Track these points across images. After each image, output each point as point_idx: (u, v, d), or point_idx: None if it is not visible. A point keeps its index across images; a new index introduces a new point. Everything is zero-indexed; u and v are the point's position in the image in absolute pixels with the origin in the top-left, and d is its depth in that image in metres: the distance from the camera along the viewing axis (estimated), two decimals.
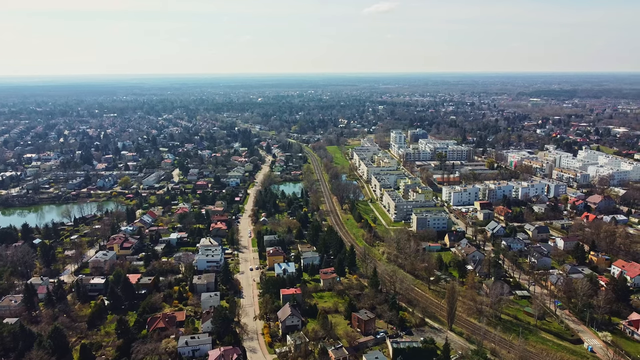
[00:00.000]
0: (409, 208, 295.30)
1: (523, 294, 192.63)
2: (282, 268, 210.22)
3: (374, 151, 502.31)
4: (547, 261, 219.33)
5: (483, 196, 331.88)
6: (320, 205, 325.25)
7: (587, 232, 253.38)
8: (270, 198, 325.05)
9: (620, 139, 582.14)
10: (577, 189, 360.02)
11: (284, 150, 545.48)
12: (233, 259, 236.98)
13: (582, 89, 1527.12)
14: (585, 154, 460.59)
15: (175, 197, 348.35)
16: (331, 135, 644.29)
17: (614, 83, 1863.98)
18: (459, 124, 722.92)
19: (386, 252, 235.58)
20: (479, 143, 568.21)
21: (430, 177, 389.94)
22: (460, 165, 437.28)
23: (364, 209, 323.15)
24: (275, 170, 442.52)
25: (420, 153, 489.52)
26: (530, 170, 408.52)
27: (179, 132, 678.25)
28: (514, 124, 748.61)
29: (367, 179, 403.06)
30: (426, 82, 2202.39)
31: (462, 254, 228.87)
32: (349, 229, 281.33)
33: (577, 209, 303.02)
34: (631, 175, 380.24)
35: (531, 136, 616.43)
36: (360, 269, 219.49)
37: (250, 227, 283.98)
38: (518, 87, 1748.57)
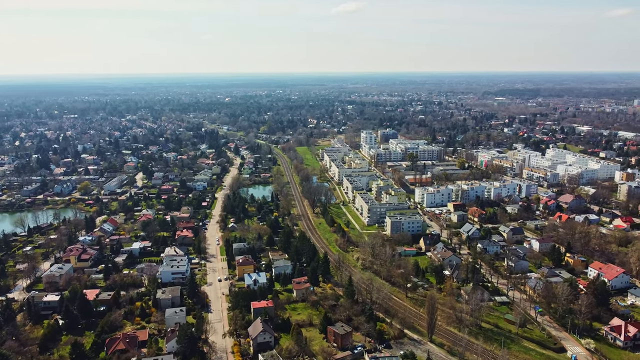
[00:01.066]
0: (382, 211, 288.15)
1: (502, 299, 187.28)
2: (252, 279, 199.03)
3: (345, 152, 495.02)
4: (525, 264, 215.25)
5: (456, 197, 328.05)
6: (291, 209, 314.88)
7: (561, 232, 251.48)
8: (239, 202, 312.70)
9: (585, 138, 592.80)
10: (548, 188, 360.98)
11: (253, 151, 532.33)
12: (200, 269, 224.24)
13: (545, 88, 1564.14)
14: (554, 153, 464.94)
15: (139, 203, 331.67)
16: (301, 135, 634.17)
17: (575, 82, 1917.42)
18: (428, 124, 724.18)
19: (361, 258, 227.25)
20: (449, 142, 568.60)
21: (402, 178, 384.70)
22: (431, 166, 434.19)
23: (337, 212, 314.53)
24: (244, 172, 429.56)
25: (391, 153, 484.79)
26: (500, 169, 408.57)
27: (143, 133, 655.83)
28: (482, 123, 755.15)
29: (338, 181, 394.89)
30: (393, 81, 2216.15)
31: (439, 259, 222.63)
32: (321, 234, 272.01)
33: (550, 209, 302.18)
34: (599, 173, 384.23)
35: (499, 135, 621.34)
36: (335, 277, 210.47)
37: (219, 234, 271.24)
38: (483, 86, 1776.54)
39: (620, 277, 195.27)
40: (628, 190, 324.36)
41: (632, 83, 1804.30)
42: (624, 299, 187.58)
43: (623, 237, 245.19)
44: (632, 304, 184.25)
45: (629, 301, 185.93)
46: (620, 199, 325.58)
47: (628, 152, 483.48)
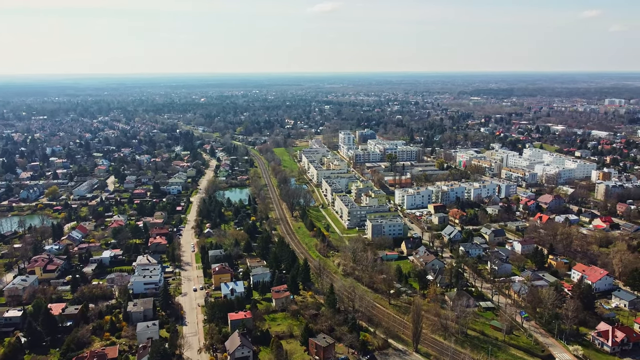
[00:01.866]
0: (362, 214, 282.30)
1: (487, 305, 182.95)
2: (229, 288, 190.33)
3: (323, 153, 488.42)
4: (508, 267, 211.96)
5: (436, 198, 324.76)
6: (269, 213, 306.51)
7: (542, 234, 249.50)
8: (215, 207, 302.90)
9: (560, 137, 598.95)
10: (527, 188, 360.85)
11: (229, 153, 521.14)
12: (174, 278, 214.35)
13: (518, 88, 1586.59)
14: (531, 153, 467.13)
15: (110, 208, 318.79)
16: (278, 136, 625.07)
17: (547, 82, 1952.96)
18: (406, 124, 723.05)
19: (342, 263, 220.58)
20: (427, 143, 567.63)
21: (381, 179, 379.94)
22: (410, 166, 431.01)
23: (316, 215, 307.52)
24: (220, 175, 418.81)
25: (370, 154, 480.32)
26: (479, 170, 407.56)
27: (116, 135, 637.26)
28: (459, 122, 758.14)
29: (317, 183, 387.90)
30: (370, 81, 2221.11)
31: (421, 263, 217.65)
32: (300, 239, 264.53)
33: (530, 210, 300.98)
34: (576, 173, 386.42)
35: (476, 135, 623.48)
36: (316, 285, 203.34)
37: (194, 240, 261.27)
38: (458, 86, 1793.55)
39: (604, 279, 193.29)
40: (605, 189, 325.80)
41: (602, 83, 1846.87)
42: (609, 302, 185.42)
43: (603, 238, 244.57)
44: (617, 306, 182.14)
45: (614, 304, 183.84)
46: (598, 199, 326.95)
47: (602, 152, 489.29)
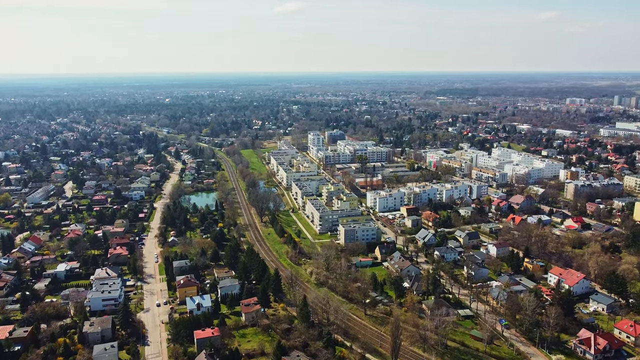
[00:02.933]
0: (334, 218, 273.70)
1: (466, 313, 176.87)
2: (195, 303, 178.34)
3: (292, 154, 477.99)
4: (485, 272, 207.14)
5: (409, 201, 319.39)
6: (237, 219, 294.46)
7: (516, 236, 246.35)
8: (180, 213, 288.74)
9: (526, 136, 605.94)
10: (497, 188, 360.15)
11: (195, 155, 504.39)
12: (136, 292, 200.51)
13: (483, 88, 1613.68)
14: (499, 152, 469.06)
15: (67, 217, 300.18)
16: (246, 138, 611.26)
17: (510, 82, 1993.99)
18: (375, 124, 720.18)
19: (314, 272, 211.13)
20: (396, 143, 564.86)
21: (352, 181, 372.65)
22: (381, 168, 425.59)
23: (286, 220, 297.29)
24: (185, 179, 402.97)
25: (340, 155, 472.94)
26: (450, 170, 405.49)
27: (75, 138, 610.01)
28: (427, 122, 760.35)
29: (287, 186, 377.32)
30: (337, 81, 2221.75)
31: (397, 270, 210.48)
32: (271, 246, 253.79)
33: (502, 211, 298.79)
34: (545, 172, 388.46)
35: (445, 135, 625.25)
36: (288, 296, 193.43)
37: (157, 249, 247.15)
38: (424, 86, 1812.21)
39: (581, 283, 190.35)
40: (575, 189, 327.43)
41: (561, 82, 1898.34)
42: (587, 306, 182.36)
43: (576, 239, 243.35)
44: (595, 310, 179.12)
45: (591, 308, 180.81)
46: (568, 198, 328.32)
47: (568, 150, 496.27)
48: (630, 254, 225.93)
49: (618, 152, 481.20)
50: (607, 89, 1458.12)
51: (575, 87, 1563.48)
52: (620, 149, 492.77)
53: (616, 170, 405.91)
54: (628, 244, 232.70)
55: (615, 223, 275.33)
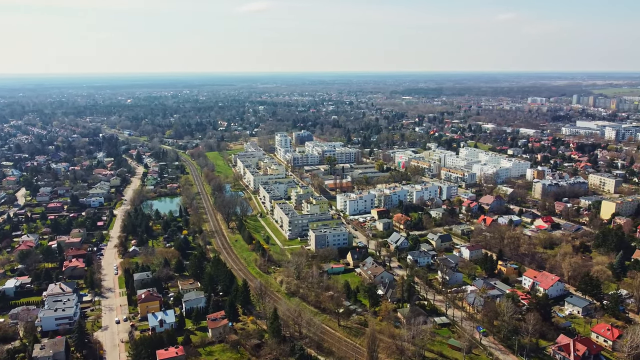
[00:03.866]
0: (304, 223, 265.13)
1: (442, 321, 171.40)
2: (157, 319, 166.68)
3: (259, 156, 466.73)
4: (459, 277, 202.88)
5: (379, 203, 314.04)
6: (203, 225, 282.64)
7: (488, 237, 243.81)
8: (141, 220, 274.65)
9: (491, 135, 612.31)
10: (466, 188, 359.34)
11: (158, 159, 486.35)
12: (93, 309, 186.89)
13: (447, 87, 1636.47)
14: (467, 152, 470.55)
15: (19, 227, 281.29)
16: (211, 139, 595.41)
17: (473, 82, 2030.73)
18: (342, 124, 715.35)
19: (285, 281, 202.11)
20: (364, 143, 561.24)
21: (321, 183, 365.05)
22: (350, 169, 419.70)
23: (254, 226, 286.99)
24: (147, 183, 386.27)
25: (308, 157, 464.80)
26: (419, 170, 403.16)
27: (29, 141, 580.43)
28: (394, 122, 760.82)
29: (254, 189, 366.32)
30: (303, 81, 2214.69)
31: (370, 276, 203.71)
32: (238, 253, 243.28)
33: (472, 212, 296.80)
34: (512, 172, 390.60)
35: (412, 134, 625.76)
36: (257, 308, 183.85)
37: (117, 261, 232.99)
38: (389, 85, 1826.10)
39: (556, 285, 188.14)
40: (542, 188, 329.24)
41: (521, 82, 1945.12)
42: (562, 309, 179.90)
43: (547, 239, 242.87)
44: (570, 313, 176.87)
45: (567, 311, 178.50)
46: (536, 197, 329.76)
47: (533, 149, 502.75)
48: (600, 254, 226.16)
49: (581, 151, 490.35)
50: (565, 88, 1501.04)
51: (535, 87, 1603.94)
52: (583, 147, 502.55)
53: (580, 169, 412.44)
54: (598, 243, 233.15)
55: (584, 222, 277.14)
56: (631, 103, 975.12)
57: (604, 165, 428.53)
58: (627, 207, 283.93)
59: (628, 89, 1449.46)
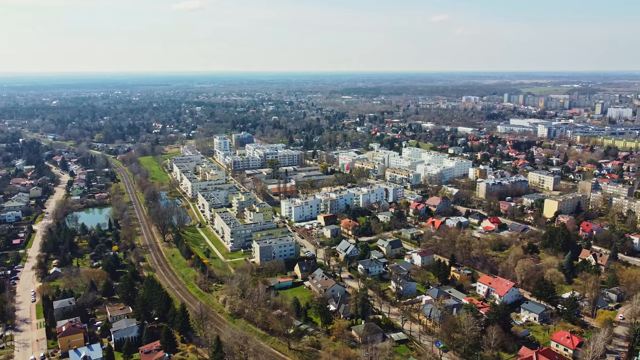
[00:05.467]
0: (247, 233, 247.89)
1: (399, 337, 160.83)
2: (81, 356, 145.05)
3: (197, 161, 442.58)
4: (413, 286, 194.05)
5: (325, 208, 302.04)
6: (135, 239, 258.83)
7: (438, 241, 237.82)
8: (65, 236, 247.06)
9: (431, 134, 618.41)
10: (412, 189, 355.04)
11: (86, 165, 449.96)
12: (4, 346, 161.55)
13: (384, 87, 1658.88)
14: (410, 152, 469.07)
15: None
16: (144, 143, 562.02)
17: (409, 81, 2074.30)
18: (283, 125, 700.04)
19: (228, 300, 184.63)
20: (307, 145, 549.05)
21: (264, 188, 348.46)
22: (293, 172, 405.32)
23: (193, 237, 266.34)
24: (73, 193, 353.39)
25: (250, 160, 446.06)
26: (363, 172, 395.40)
27: None
28: (335, 122, 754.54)
29: (192, 197, 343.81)
30: (242, 81, 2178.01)
31: (320, 290, 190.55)
32: (175, 270, 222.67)
33: (420, 214, 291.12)
34: (455, 171, 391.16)
35: (354, 135, 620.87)
36: (198, 333, 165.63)
37: (35, 285, 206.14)
38: (328, 85, 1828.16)
39: (511, 291, 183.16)
40: (486, 188, 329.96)
41: (455, 81, 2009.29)
42: (518, 316, 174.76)
43: (496, 241, 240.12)
44: (527, 320, 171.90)
45: (524, 318, 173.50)
46: (480, 197, 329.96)
47: (472, 148, 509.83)
48: (548, 254, 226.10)
49: (517, 148, 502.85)
50: (496, 87, 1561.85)
51: (468, 86, 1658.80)
52: (519, 145, 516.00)
53: (519, 167, 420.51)
54: (545, 243, 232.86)
55: (529, 221, 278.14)
56: (557, 101, 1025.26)
57: (540, 163, 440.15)
58: (568, 204, 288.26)
59: (552, 87, 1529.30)
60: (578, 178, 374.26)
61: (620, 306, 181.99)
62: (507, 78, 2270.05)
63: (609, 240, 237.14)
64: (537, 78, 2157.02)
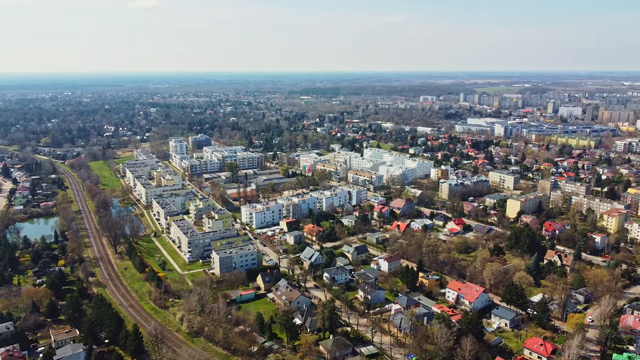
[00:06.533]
0: (206, 242, 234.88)
1: (370, 351, 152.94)
2: None
3: (152, 165, 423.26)
4: (381, 295, 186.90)
5: (288, 213, 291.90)
6: (84, 252, 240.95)
7: (404, 245, 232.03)
8: (5, 251, 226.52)
9: (392, 134, 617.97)
10: (375, 191, 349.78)
11: (30, 171, 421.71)
12: None
13: (343, 87, 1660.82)
14: (371, 153, 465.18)
15: None
16: (95, 147, 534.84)
17: (367, 81, 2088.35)
18: (242, 126, 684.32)
19: (186, 317, 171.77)
20: (267, 146, 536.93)
21: (224, 194, 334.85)
22: (254, 175, 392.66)
23: (148, 248, 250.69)
24: (16, 203, 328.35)
25: (207, 163, 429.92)
26: (325, 174, 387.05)
27: None
28: (294, 123, 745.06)
29: (147, 204, 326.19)
30: (198, 81, 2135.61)
31: (285, 302, 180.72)
32: (129, 285, 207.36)
33: (384, 217, 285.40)
34: (417, 172, 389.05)
35: (314, 135, 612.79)
36: (153, 357, 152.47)
37: None
38: (287, 85, 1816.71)
39: (481, 297, 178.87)
40: (449, 188, 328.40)
41: (412, 81, 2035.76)
42: (489, 322, 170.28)
43: (462, 243, 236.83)
44: (499, 327, 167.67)
45: (495, 324, 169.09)
46: (443, 198, 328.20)
47: (433, 148, 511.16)
48: (514, 256, 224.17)
49: (476, 148, 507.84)
50: (451, 87, 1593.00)
51: (424, 86, 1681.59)
52: (478, 145, 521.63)
53: (479, 166, 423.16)
54: (511, 244, 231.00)
55: (493, 222, 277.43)
56: (510, 100, 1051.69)
57: (499, 162, 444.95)
58: (530, 204, 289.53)
59: (505, 87, 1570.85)
60: (537, 177, 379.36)
61: (588, 307, 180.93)
62: (462, 78, 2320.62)
63: (572, 240, 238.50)
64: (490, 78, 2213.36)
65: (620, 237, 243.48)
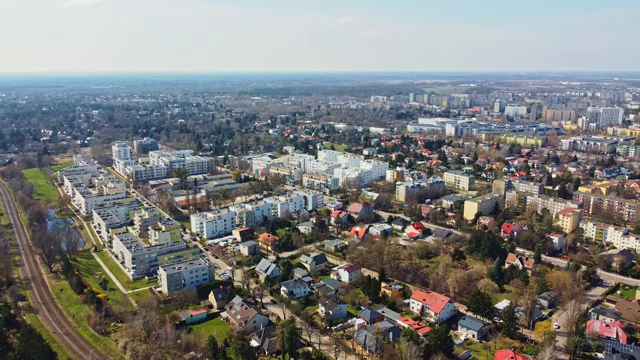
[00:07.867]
0: (152, 257, 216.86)
1: None
2: None
3: (93, 172, 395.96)
4: (343, 309, 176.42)
5: (241, 221, 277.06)
6: (14, 272, 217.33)
7: (364, 252, 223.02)
8: None
9: (345, 135, 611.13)
10: (331, 195, 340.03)
11: None
12: None
13: (294, 87, 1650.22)
14: (325, 155, 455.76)
15: None
16: (30, 153, 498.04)
17: (317, 81, 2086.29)
18: (191, 129, 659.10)
19: (129, 345, 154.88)
20: (217, 150, 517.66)
21: (171, 202, 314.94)
22: (204, 181, 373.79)
23: (87, 265, 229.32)
24: None
25: (154, 169, 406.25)
26: (279, 178, 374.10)
27: None
28: (246, 124, 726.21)
29: (87, 215, 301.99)
30: (144, 82, 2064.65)
31: (240, 322, 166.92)
32: (64, 309, 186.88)
33: (342, 222, 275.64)
34: (373, 174, 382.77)
35: (266, 137, 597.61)
36: None
37: None
38: (237, 86, 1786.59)
39: (447, 307, 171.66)
40: (406, 190, 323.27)
41: (362, 81, 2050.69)
42: (457, 334, 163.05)
43: (423, 248, 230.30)
44: (466, 339, 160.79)
45: (462, 336, 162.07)
46: (400, 201, 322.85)
47: (386, 149, 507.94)
48: (475, 260, 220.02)
49: (429, 148, 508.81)
50: (401, 87, 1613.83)
51: (374, 86, 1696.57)
52: (430, 145, 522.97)
53: (433, 167, 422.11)
54: (472, 248, 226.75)
55: (451, 224, 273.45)
56: (458, 100, 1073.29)
57: (452, 162, 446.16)
58: (487, 205, 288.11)
59: (452, 87, 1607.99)
60: (490, 176, 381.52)
61: (552, 313, 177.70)
62: (410, 78, 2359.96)
63: (530, 241, 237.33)
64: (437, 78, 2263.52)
65: (576, 236, 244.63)
